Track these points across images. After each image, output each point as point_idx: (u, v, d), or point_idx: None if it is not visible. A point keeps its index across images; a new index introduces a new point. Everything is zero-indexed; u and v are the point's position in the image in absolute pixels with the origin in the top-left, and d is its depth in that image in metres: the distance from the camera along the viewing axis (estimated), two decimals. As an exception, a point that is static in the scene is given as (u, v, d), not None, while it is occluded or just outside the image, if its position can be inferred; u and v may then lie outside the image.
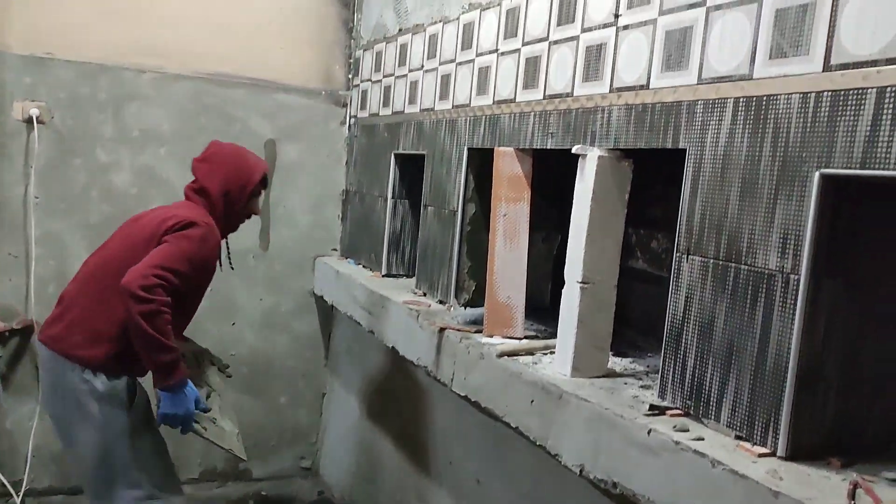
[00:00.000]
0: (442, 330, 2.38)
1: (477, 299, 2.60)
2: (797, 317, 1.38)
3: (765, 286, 1.45)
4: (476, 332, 2.34)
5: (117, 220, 2.73)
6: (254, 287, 3.95)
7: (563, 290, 1.98)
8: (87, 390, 2.38)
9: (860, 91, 1.29)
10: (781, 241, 1.42)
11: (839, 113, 1.32)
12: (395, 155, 3.31)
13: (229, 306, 3.88)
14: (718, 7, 1.60)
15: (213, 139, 2.76)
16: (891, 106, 1.24)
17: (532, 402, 1.90)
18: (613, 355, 2.07)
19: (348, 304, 3.40)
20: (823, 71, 1.36)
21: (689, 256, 1.64)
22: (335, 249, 4.08)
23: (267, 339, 4.03)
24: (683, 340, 1.65)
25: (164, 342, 2.27)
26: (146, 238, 2.40)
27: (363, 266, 3.65)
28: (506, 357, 2.08)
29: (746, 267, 1.49)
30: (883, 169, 1.25)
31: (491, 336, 2.29)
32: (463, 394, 2.24)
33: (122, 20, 3.57)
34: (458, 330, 2.36)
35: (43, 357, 2.49)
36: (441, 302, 2.76)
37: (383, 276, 3.36)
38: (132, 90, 3.62)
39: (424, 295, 2.91)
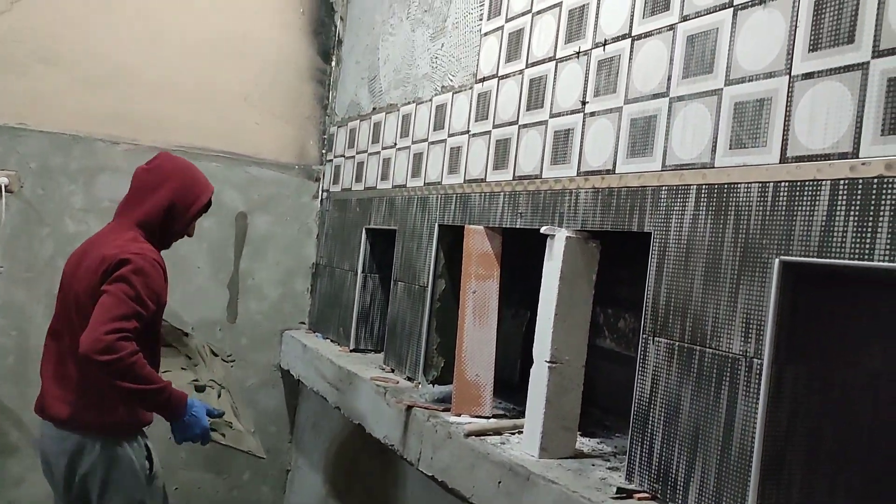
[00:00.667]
0: (409, 408, 2.35)
1: (446, 376, 2.59)
2: (761, 401, 1.39)
3: (729, 370, 1.47)
4: (444, 410, 2.32)
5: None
6: (220, 360, 3.89)
7: (531, 370, 1.98)
8: (115, 460, 2.32)
9: (815, 182, 1.34)
10: (744, 325, 1.45)
11: (796, 202, 1.37)
12: (367, 230, 3.34)
13: (194, 379, 3.80)
14: (681, 98, 1.67)
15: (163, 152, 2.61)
16: (844, 197, 1.29)
17: (499, 483, 1.88)
18: (581, 435, 2.07)
19: (315, 379, 3.36)
20: (781, 162, 1.41)
21: (655, 339, 1.66)
22: (303, 323, 4.05)
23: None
24: (650, 423, 1.65)
25: (151, 387, 2.21)
26: (89, 291, 2.28)
27: (331, 340, 3.62)
28: (473, 437, 2.06)
29: (711, 350, 1.52)
30: (838, 258, 1.29)
31: (459, 415, 2.27)
32: (430, 474, 2.20)
33: (97, 92, 3.60)
34: (426, 408, 2.34)
35: (52, 436, 2.35)
36: (409, 378, 2.74)
37: (351, 350, 3.34)
38: (104, 161, 3.62)
39: (392, 371, 2.89)
